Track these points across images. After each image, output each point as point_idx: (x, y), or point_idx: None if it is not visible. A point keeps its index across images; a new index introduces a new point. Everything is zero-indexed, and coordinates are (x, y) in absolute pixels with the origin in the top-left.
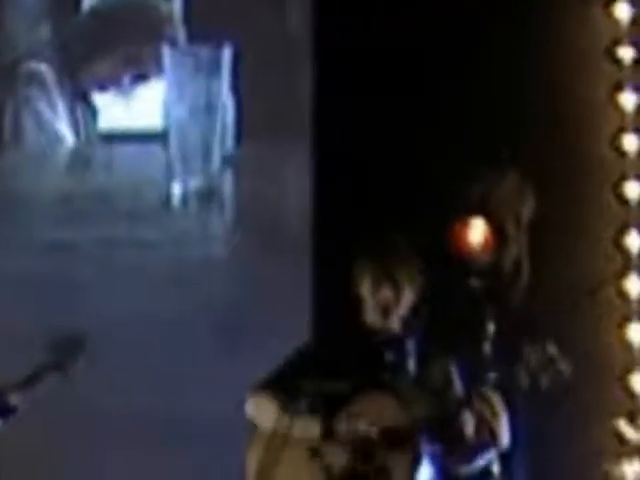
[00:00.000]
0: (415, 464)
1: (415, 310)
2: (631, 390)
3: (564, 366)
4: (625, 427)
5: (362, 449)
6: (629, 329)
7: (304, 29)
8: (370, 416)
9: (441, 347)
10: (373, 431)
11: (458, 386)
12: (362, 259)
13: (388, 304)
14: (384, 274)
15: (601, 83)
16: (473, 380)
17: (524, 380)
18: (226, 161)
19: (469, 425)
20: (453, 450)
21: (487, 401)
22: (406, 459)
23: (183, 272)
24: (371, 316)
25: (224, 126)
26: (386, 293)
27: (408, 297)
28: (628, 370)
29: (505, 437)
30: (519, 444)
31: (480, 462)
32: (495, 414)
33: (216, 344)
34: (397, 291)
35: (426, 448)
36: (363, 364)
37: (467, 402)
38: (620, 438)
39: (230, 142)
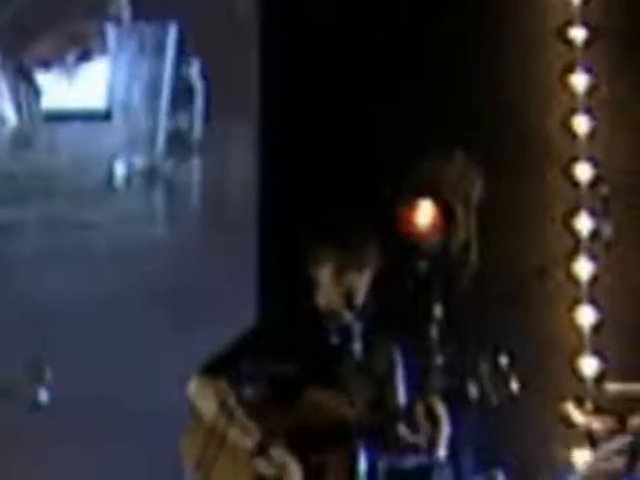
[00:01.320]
0: (353, 461)
1: (367, 294)
2: (580, 374)
3: (514, 384)
4: (573, 411)
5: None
6: (579, 312)
7: (250, 7)
8: (311, 415)
9: (387, 332)
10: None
11: (400, 375)
12: (321, 242)
13: (353, 290)
14: (350, 260)
15: (552, 64)
16: (420, 367)
17: (474, 393)
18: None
19: (403, 432)
20: (386, 448)
21: (430, 409)
22: (344, 454)
23: (127, 252)
24: (331, 300)
25: (192, 110)
26: (352, 279)
27: (367, 281)
28: (577, 353)
29: (443, 446)
30: (467, 430)
31: (414, 461)
32: (437, 426)
33: (160, 323)
34: (361, 276)
35: (364, 445)
36: (310, 347)
37: (408, 407)
38: (568, 422)
39: (199, 126)
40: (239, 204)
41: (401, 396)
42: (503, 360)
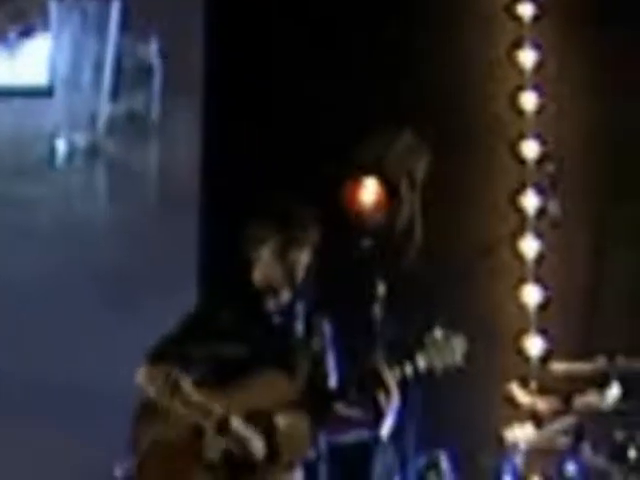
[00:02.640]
0: (304, 438)
1: (308, 272)
2: (525, 353)
3: (460, 355)
4: (518, 391)
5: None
6: (524, 291)
7: None
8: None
9: (322, 311)
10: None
11: (330, 353)
12: (262, 221)
13: (295, 267)
14: (292, 238)
15: (500, 40)
16: (363, 345)
17: (420, 364)
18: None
19: (340, 409)
20: (325, 424)
21: (380, 380)
22: (296, 434)
23: (68, 229)
24: (273, 279)
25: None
26: (294, 256)
27: (309, 258)
28: (522, 333)
29: (392, 416)
30: (410, 409)
31: (355, 435)
32: (387, 394)
33: (103, 302)
34: (303, 253)
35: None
36: (252, 329)
37: (358, 380)
38: (512, 402)
39: (157, 108)
40: (181, 183)
41: (331, 372)
42: (448, 333)
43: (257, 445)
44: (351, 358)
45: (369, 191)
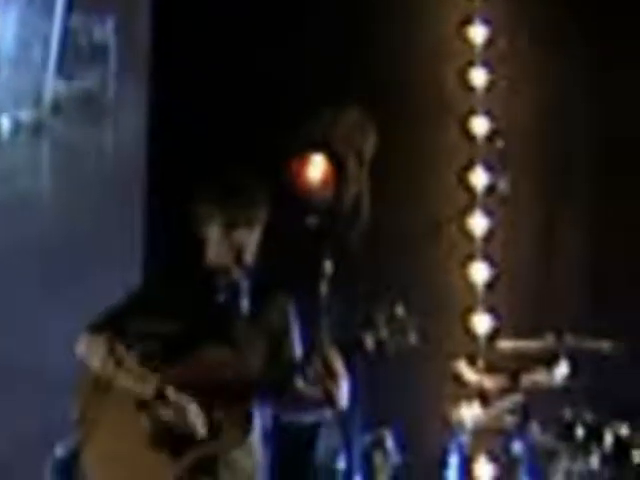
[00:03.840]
0: (248, 415)
1: (257, 250)
2: (472, 331)
3: (413, 334)
4: (465, 369)
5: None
6: (472, 268)
7: None
8: (205, 370)
9: (278, 288)
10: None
11: (296, 330)
12: (210, 199)
13: (243, 245)
14: (240, 215)
15: (450, 16)
16: (310, 324)
17: (370, 343)
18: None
19: (300, 385)
20: (282, 403)
21: (327, 362)
22: (239, 411)
23: (11, 206)
24: (221, 257)
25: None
26: (242, 235)
27: (257, 236)
28: (470, 310)
29: (343, 398)
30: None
31: (311, 416)
32: (334, 377)
33: (44, 279)
34: (251, 231)
35: (259, 400)
36: (200, 306)
37: (304, 360)
38: (459, 380)
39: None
40: (127, 161)
41: (298, 351)
42: (399, 309)
43: (197, 418)
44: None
45: (316, 168)
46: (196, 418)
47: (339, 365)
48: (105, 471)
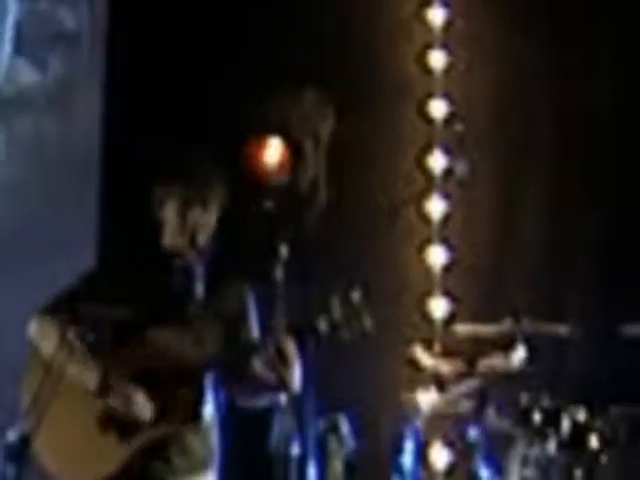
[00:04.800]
0: (199, 400)
1: (213, 233)
2: (429, 315)
3: (368, 320)
4: (421, 353)
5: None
6: (429, 252)
7: None
8: (157, 353)
9: (235, 272)
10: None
11: (254, 315)
12: (166, 180)
13: (197, 227)
14: (195, 196)
15: None
16: (266, 309)
17: (325, 329)
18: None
19: (258, 368)
20: (238, 387)
21: (280, 347)
22: (191, 395)
23: None
24: (176, 239)
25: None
26: (196, 216)
27: (213, 219)
28: (427, 294)
29: (296, 384)
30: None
31: (266, 400)
32: (286, 362)
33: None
34: (206, 212)
35: (212, 383)
36: (154, 290)
37: (260, 346)
38: (416, 365)
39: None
40: (82, 144)
41: (255, 334)
42: (355, 294)
43: (143, 404)
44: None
45: (273, 151)
46: (142, 407)
47: (292, 350)
48: (55, 456)
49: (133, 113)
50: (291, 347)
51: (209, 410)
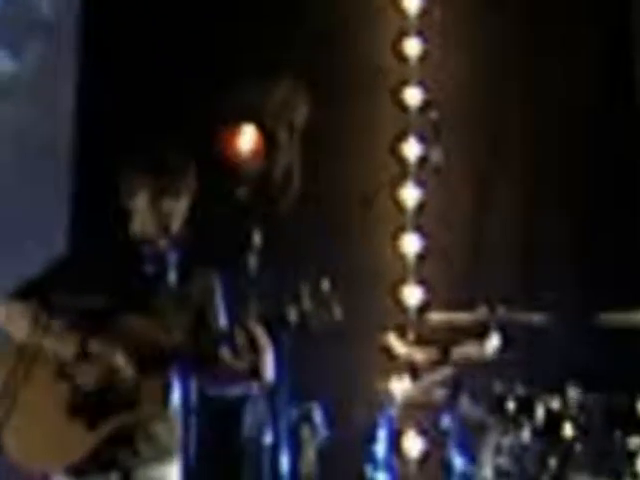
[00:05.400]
0: (167, 388)
1: (184, 221)
2: (403, 303)
3: (337, 310)
4: (395, 341)
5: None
6: (403, 240)
7: None
8: (125, 339)
9: (205, 260)
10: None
11: (220, 303)
12: (136, 169)
13: (169, 215)
14: (166, 185)
15: None
16: (238, 297)
17: (294, 319)
18: None
19: (226, 356)
20: (207, 376)
21: (251, 335)
22: (158, 383)
23: None
24: (147, 227)
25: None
26: (168, 205)
27: (184, 207)
28: (401, 282)
29: (269, 372)
30: (282, 361)
31: (237, 389)
32: (258, 350)
33: None
34: (177, 201)
35: (180, 372)
36: (125, 278)
37: (229, 333)
38: (389, 353)
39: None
40: (57, 131)
41: (223, 322)
42: (325, 284)
43: (123, 361)
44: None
45: (247, 139)
46: (123, 361)
47: (264, 338)
48: (23, 443)
49: (107, 100)
50: (263, 335)
51: (176, 398)
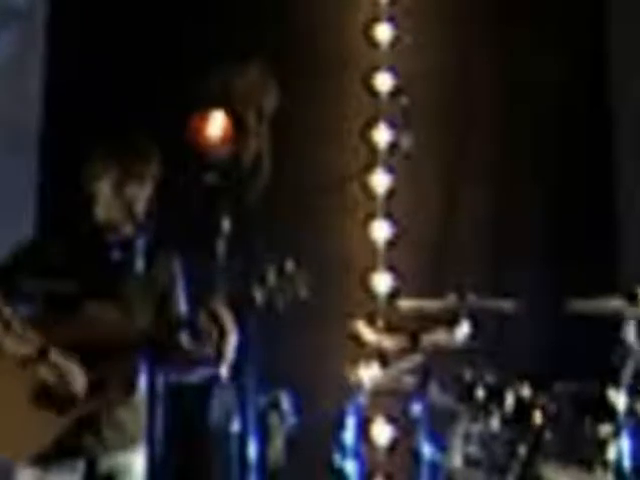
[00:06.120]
0: (132, 374)
1: (150, 206)
2: (373, 290)
3: (302, 288)
4: (364, 329)
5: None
6: (373, 227)
7: None
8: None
9: (169, 246)
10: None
11: (181, 288)
12: (101, 155)
13: (134, 201)
14: (130, 170)
15: None
16: (206, 283)
17: (260, 298)
18: None
19: (185, 342)
20: (168, 362)
21: (215, 318)
22: (123, 369)
23: None
24: (111, 213)
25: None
26: (133, 190)
27: (149, 193)
28: (370, 269)
29: (231, 353)
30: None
31: (202, 373)
32: (223, 332)
33: None
34: (142, 186)
35: (145, 358)
36: (90, 264)
37: (190, 319)
38: (358, 340)
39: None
40: (20, 118)
41: (183, 308)
42: (289, 265)
43: (77, 378)
44: (192, 295)
45: (215, 124)
46: (77, 380)
47: (228, 320)
48: None
49: (76, 86)
50: (227, 318)
51: (142, 385)
